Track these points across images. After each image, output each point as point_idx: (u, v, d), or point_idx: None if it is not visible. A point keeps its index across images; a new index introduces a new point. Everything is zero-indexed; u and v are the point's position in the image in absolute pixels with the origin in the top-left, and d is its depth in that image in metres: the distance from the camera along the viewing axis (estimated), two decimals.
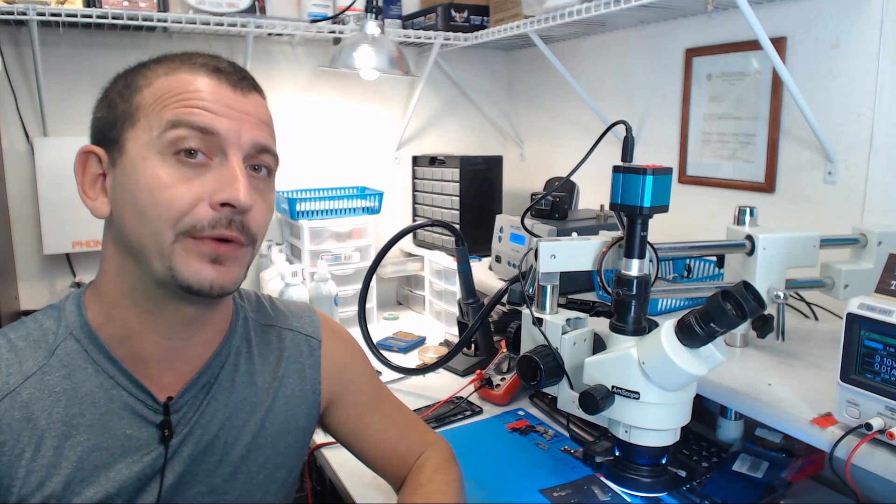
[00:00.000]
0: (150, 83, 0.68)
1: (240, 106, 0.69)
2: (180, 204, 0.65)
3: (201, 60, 0.70)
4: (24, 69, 1.71)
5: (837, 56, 1.31)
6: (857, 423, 0.82)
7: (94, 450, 0.68)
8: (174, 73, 0.68)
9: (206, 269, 0.67)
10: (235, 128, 0.68)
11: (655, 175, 0.77)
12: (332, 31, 1.88)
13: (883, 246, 1.10)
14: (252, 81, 0.73)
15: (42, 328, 0.71)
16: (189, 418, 0.74)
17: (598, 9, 1.45)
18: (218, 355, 0.77)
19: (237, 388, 0.79)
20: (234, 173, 0.67)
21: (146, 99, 0.67)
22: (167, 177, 0.65)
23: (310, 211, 1.92)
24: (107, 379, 0.70)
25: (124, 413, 0.70)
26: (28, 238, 1.77)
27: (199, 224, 0.66)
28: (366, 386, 0.94)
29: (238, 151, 0.68)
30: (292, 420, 0.84)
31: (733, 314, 0.70)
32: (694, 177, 1.66)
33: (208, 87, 0.68)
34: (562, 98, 2.13)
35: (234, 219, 0.67)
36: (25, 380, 0.67)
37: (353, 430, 0.92)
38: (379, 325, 2.05)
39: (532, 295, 0.93)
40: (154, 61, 0.71)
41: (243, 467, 0.78)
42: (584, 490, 1.09)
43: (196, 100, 0.67)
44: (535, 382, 0.87)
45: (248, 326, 0.84)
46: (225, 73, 0.70)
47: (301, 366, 0.86)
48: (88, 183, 0.70)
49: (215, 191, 0.66)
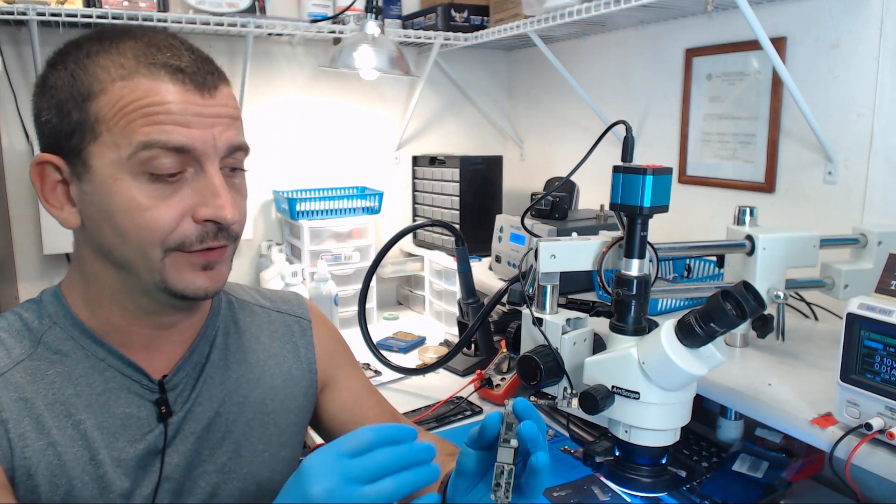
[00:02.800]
0: (105, 89, 0.62)
1: (210, 110, 0.65)
2: (164, 225, 0.64)
3: (160, 58, 0.64)
4: (24, 69, 1.71)
5: (837, 56, 1.31)
6: (857, 423, 0.82)
7: (96, 429, 0.68)
8: (131, 77, 0.62)
9: (199, 279, 0.67)
10: (209, 136, 0.65)
11: (655, 175, 0.77)
12: (332, 31, 1.88)
13: (883, 246, 1.10)
14: (215, 72, 0.68)
15: (22, 319, 0.71)
16: (186, 396, 0.74)
17: (598, 9, 1.45)
18: (204, 334, 0.78)
19: (231, 367, 0.79)
20: (215, 187, 0.65)
21: (104, 109, 0.62)
22: (144, 198, 0.63)
23: (310, 211, 1.92)
24: (98, 361, 0.70)
25: (121, 392, 0.70)
26: (28, 238, 1.77)
27: (188, 240, 0.65)
28: (358, 371, 0.95)
29: (215, 159, 0.66)
30: (292, 398, 0.85)
31: (733, 314, 0.69)
32: (694, 177, 1.66)
33: (175, 96, 0.63)
34: (562, 98, 2.13)
35: (221, 229, 0.67)
36: (15, 365, 0.67)
37: (349, 416, 0.91)
38: (379, 325, 2.05)
39: (532, 295, 0.93)
40: (98, 48, 0.64)
41: (247, 444, 0.79)
42: (584, 490, 1.09)
43: (164, 114, 0.62)
44: (535, 382, 0.87)
45: (234, 307, 0.84)
46: (188, 73, 0.64)
47: (294, 345, 0.87)
48: (49, 192, 0.67)
49: (197, 205, 0.65)
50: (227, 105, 0.68)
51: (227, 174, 0.69)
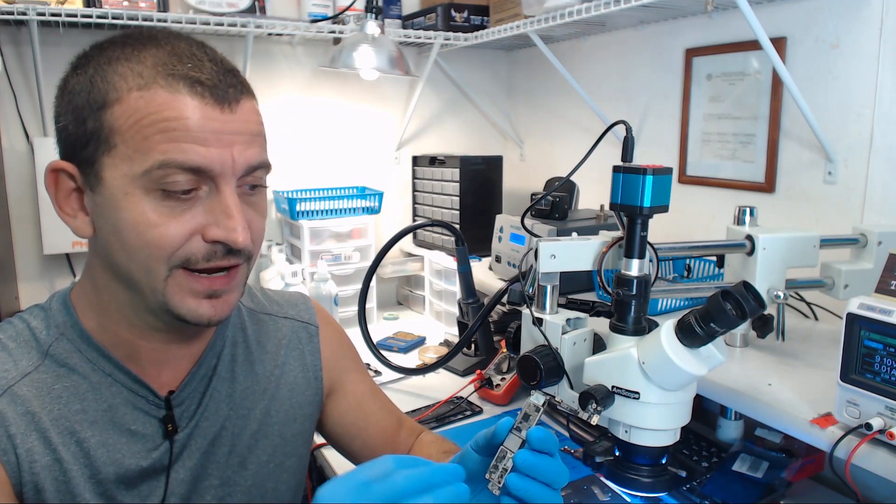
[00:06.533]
0: (121, 98, 0.60)
1: (230, 127, 0.62)
2: (172, 242, 0.62)
3: (179, 70, 0.61)
4: (24, 69, 1.71)
5: (837, 56, 1.31)
6: (857, 423, 0.82)
7: (100, 446, 0.68)
8: (148, 87, 0.60)
9: (203, 306, 0.65)
10: (227, 155, 0.62)
11: (655, 175, 0.77)
12: (332, 31, 1.88)
13: (883, 246, 1.10)
14: (237, 85, 0.65)
15: (30, 328, 0.70)
16: (192, 411, 0.74)
17: (598, 9, 1.45)
18: (212, 347, 0.77)
19: (238, 379, 0.79)
20: (228, 208, 0.63)
21: (119, 120, 0.60)
22: (154, 215, 0.61)
23: (310, 211, 1.92)
24: (104, 377, 0.69)
25: (126, 409, 0.70)
26: (28, 238, 1.77)
27: (194, 257, 0.63)
28: (363, 375, 0.95)
29: (231, 179, 0.63)
30: (297, 407, 0.84)
31: (733, 314, 0.69)
32: (694, 177, 1.66)
33: (193, 112, 0.60)
34: (562, 98, 2.13)
35: (230, 252, 0.65)
36: (22, 378, 0.66)
37: (354, 420, 0.91)
38: (379, 325, 2.05)
39: (532, 295, 0.93)
40: (118, 54, 0.62)
41: (252, 457, 0.78)
42: (584, 490, 1.09)
43: (181, 130, 0.60)
44: (535, 382, 0.87)
45: (242, 316, 0.83)
46: (208, 86, 0.61)
47: (301, 353, 0.86)
48: (63, 199, 0.66)
49: (209, 225, 0.63)
50: (248, 121, 0.65)
51: (245, 192, 0.66)
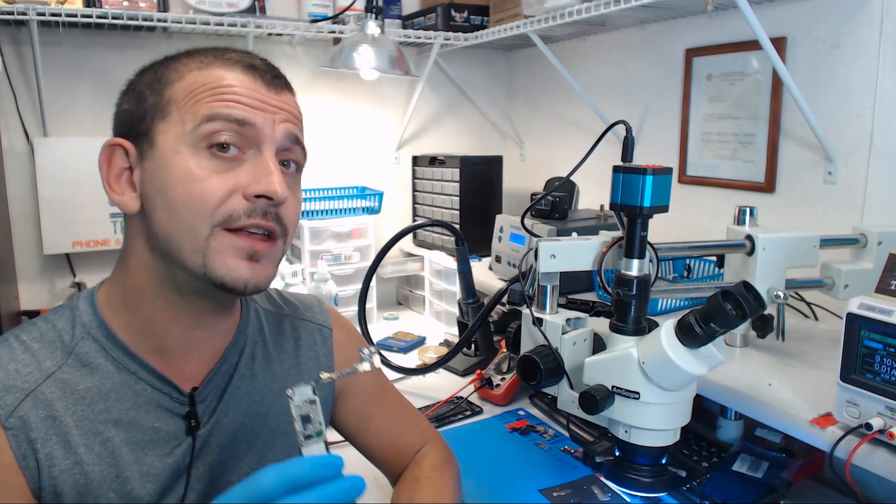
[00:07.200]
0: (182, 77, 0.68)
1: (273, 101, 0.69)
2: (214, 196, 0.65)
3: (235, 56, 0.70)
4: (24, 69, 1.71)
5: (837, 56, 1.31)
6: (857, 423, 0.82)
7: (125, 444, 0.68)
8: (207, 67, 0.68)
9: (242, 268, 0.67)
10: (270, 120, 0.68)
11: (655, 175, 0.77)
12: (332, 32, 1.88)
13: (883, 246, 1.10)
14: (285, 80, 0.73)
15: (56, 329, 0.70)
16: (213, 407, 0.75)
17: (598, 9, 1.45)
18: (235, 344, 0.78)
19: (257, 377, 0.80)
20: (268, 166, 0.67)
21: (178, 92, 0.67)
22: (200, 170, 0.65)
23: (310, 211, 1.92)
24: (129, 375, 0.70)
25: (150, 407, 0.70)
26: (28, 238, 1.77)
27: (235, 213, 0.65)
28: (371, 377, 0.96)
29: (272, 144, 0.68)
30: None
31: (733, 314, 0.70)
32: (694, 177, 1.66)
33: (243, 83, 0.68)
34: (562, 98, 2.13)
35: (270, 210, 0.67)
36: (45, 379, 0.66)
37: (356, 422, 0.93)
38: (379, 325, 2.05)
39: (532, 295, 0.93)
40: (184, 54, 0.71)
41: (269, 455, 0.79)
42: (584, 490, 1.09)
43: (231, 94, 0.67)
44: (535, 382, 0.87)
45: (260, 317, 0.85)
46: (259, 70, 0.70)
47: (316, 354, 0.88)
48: (114, 177, 0.69)
49: (250, 183, 0.66)
50: (290, 104, 0.72)
51: (283, 169, 0.70)
